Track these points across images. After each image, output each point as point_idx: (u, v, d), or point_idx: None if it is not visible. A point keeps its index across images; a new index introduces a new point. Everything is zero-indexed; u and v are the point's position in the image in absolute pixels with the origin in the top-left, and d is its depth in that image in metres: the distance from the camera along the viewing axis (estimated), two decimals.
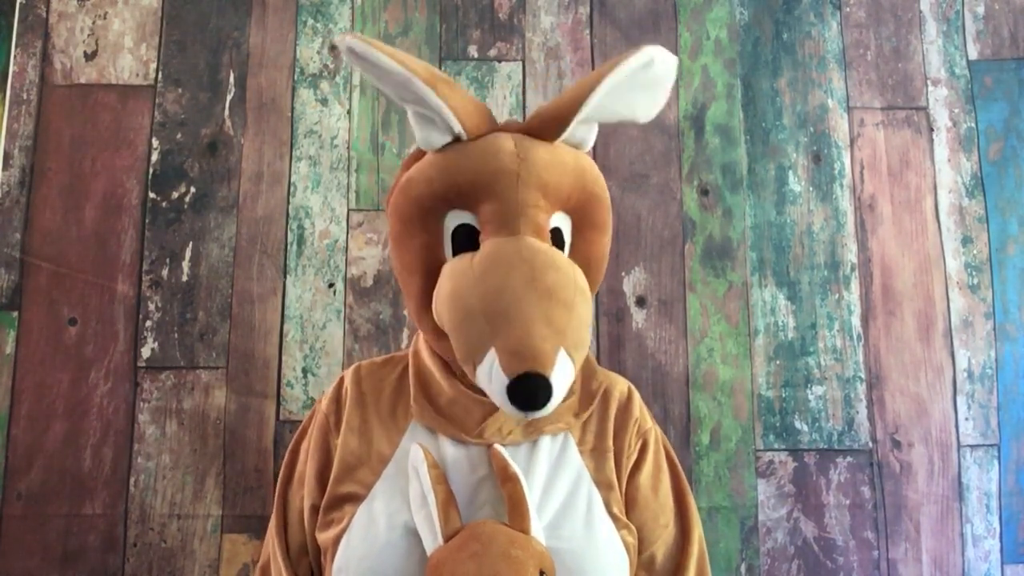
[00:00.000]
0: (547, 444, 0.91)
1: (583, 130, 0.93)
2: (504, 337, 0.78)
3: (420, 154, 0.95)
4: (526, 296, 0.80)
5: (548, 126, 0.91)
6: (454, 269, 0.86)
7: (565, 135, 0.91)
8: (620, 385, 1.01)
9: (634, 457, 0.96)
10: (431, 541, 0.82)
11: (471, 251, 0.86)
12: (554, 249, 0.87)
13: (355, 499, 0.89)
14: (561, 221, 0.92)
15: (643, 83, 0.91)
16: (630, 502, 0.94)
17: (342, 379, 1.01)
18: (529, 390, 0.77)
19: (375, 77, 0.90)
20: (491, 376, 0.79)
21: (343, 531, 0.87)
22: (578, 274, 0.85)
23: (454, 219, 0.90)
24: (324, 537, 0.90)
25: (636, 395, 1.01)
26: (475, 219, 0.89)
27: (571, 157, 0.92)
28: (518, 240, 0.85)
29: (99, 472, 1.35)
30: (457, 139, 0.90)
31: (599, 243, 0.95)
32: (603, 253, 0.96)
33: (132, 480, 1.35)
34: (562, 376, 0.79)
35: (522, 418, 0.81)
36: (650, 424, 1.00)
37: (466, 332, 0.81)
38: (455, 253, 0.89)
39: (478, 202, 0.88)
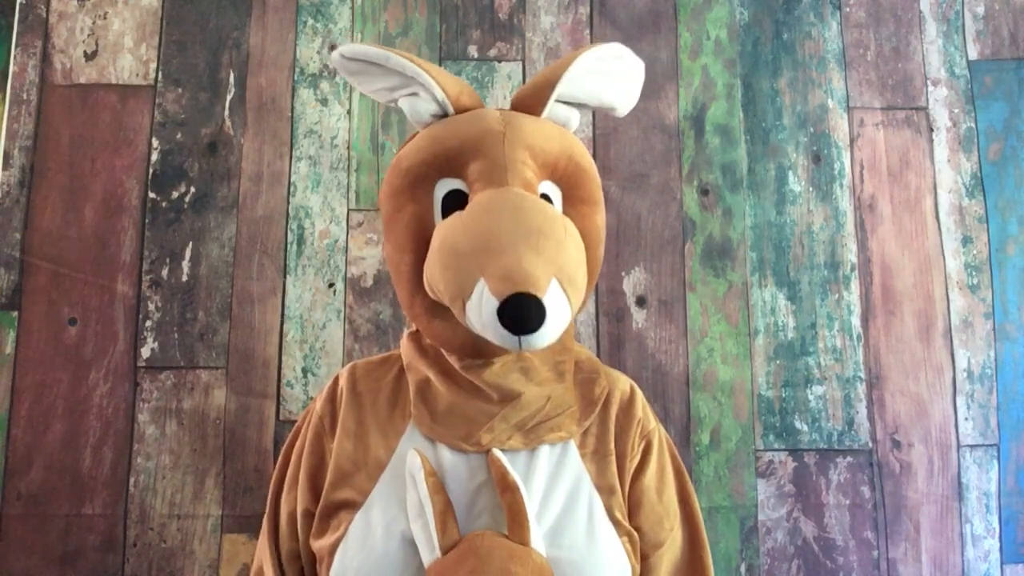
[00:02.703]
0: (546, 451, 0.89)
1: (564, 110, 0.96)
2: (493, 266, 0.78)
3: (410, 140, 0.98)
4: (513, 231, 0.80)
5: (531, 100, 0.94)
6: (443, 225, 0.86)
7: (546, 112, 0.94)
8: (622, 385, 0.99)
9: (637, 459, 0.94)
10: (428, 553, 0.80)
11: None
12: (542, 199, 0.87)
13: (351, 506, 0.88)
14: (551, 190, 0.92)
15: (617, 72, 0.97)
16: (634, 505, 0.93)
17: (337, 379, 0.99)
18: (520, 310, 0.75)
19: (363, 80, 0.95)
20: (481, 306, 0.77)
21: (339, 539, 0.86)
22: (568, 222, 0.85)
23: (443, 187, 0.90)
24: (320, 544, 0.89)
25: (639, 395, 0.99)
26: (464, 184, 0.89)
27: (556, 129, 0.94)
28: (506, 190, 0.85)
29: (99, 472, 1.35)
30: (445, 115, 0.93)
31: (592, 218, 0.94)
32: (598, 229, 0.95)
33: (132, 480, 1.35)
34: (556, 303, 0.77)
35: (516, 347, 0.79)
36: (653, 425, 0.99)
37: (454, 270, 0.81)
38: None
39: (465, 164, 0.88)
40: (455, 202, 0.88)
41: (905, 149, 1.48)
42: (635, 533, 0.91)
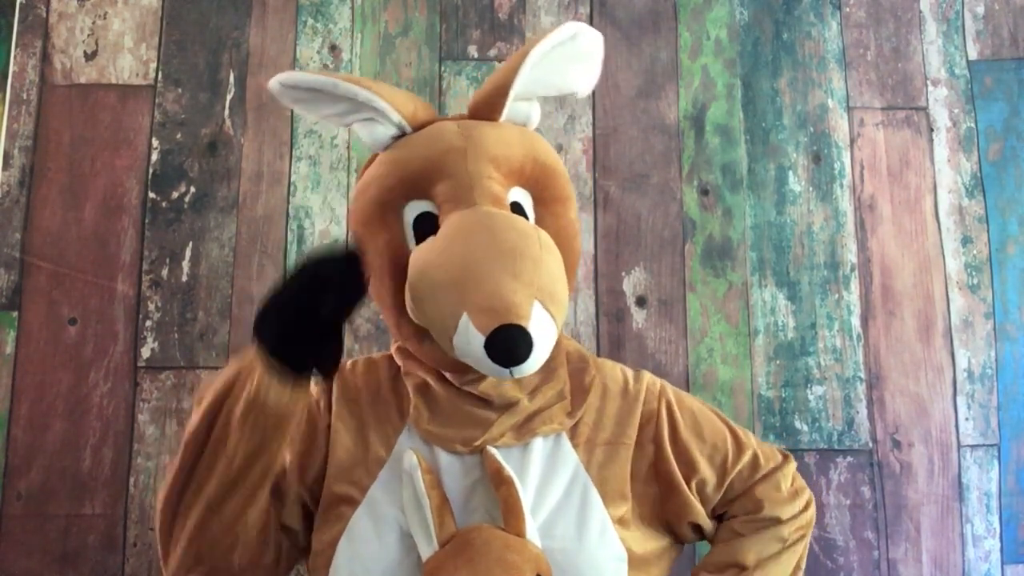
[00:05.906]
0: (540, 445, 0.90)
1: (524, 107, 0.95)
2: (473, 298, 0.77)
3: (371, 163, 0.96)
4: (489, 257, 0.79)
5: (487, 107, 0.93)
6: (418, 254, 0.85)
7: (506, 114, 0.93)
8: (614, 373, 1.00)
9: (666, 423, 0.96)
10: (426, 546, 0.82)
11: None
12: (513, 214, 0.87)
13: (351, 502, 0.88)
14: (520, 196, 0.92)
15: (573, 56, 0.94)
16: (688, 464, 0.94)
17: None
18: (507, 343, 0.75)
19: (312, 107, 0.93)
20: (468, 341, 0.77)
21: (339, 534, 0.86)
22: (541, 233, 0.85)
23: (413, 210, 0.90)
24: (319, 539, 0.89)
25: (630, 374, 1.00)
26: (432, 205, 0.89)
27: (517, 132, 0.93)
28: (475, 210, 0.85)
29: (99, 472, 1.35)
30: (403, 134, 0.92)
31: (565, 215, 0.94)
32: (573, 223, 0.95)
33: (132, 480, 1.35)
34: (541, 328, 0.77)
35: (507, 377, 0.79)
36: (658, 387, 0.99)
37: (436, 306, 0.80)
38: (419, 244, 0.88)
39: (431, 185, 0.88)
40: (427, 225, 0.88)
41: (905, 149, 1.48)
42: (632, 527, 0.90)
